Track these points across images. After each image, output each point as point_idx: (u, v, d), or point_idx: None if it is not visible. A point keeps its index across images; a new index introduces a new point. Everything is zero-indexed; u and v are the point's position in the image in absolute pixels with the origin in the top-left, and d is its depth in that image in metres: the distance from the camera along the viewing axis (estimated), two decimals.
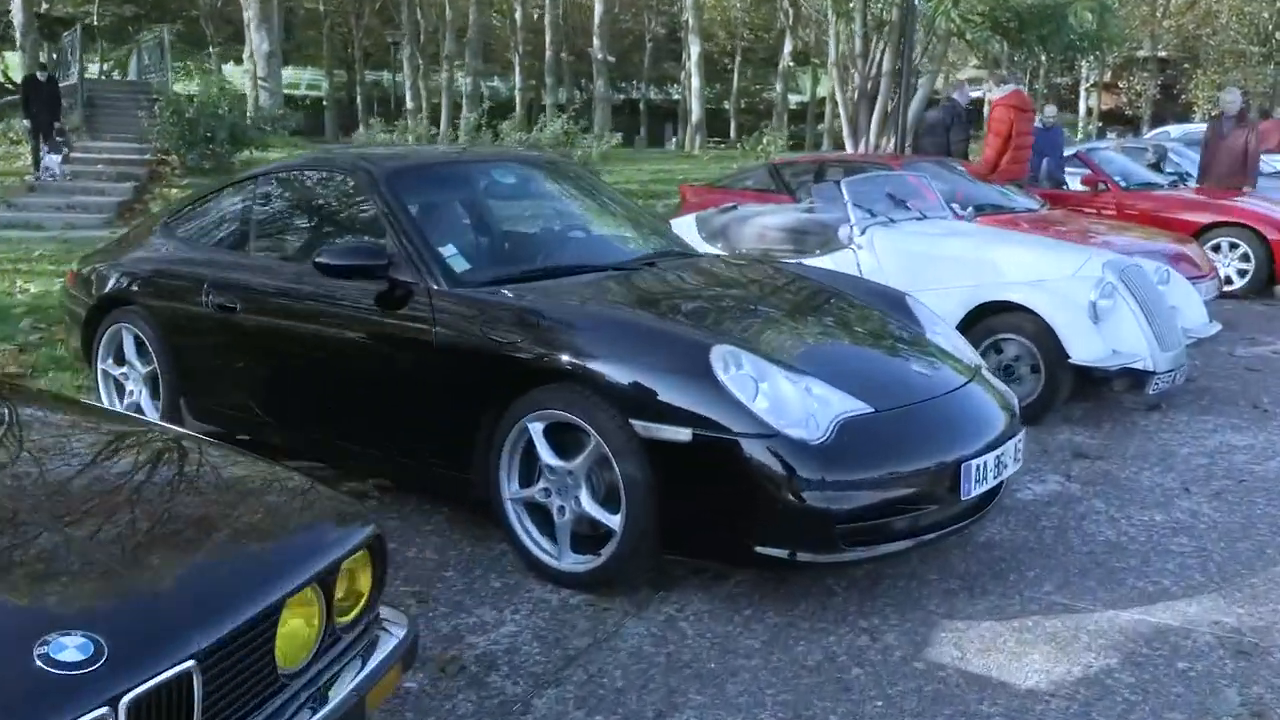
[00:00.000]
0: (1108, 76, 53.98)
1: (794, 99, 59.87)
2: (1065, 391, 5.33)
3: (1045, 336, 5.23)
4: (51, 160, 15.90)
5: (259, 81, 25.10)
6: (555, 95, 42.29)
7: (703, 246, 6.80)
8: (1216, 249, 9.43)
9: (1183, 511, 4.25)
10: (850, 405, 3.22)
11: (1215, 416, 5.63)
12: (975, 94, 10.41)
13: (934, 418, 3.37)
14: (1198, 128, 19.51)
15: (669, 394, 3.15)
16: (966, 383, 3.64)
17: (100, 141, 18.74)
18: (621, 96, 65.40)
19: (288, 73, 64.31)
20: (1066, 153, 10.86)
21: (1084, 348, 5.15)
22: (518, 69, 49.59)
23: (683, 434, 3.10)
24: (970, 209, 6.98)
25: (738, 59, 57.76)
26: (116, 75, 32.19)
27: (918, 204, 6.80)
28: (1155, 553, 3.83)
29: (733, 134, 52.86)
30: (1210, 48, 48.81)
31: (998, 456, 3.39)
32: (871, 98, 27.54)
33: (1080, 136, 27.01)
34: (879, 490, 3.13)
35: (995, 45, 29.43)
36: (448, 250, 3.80)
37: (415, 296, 3.71)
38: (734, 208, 7.10)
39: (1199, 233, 9.47)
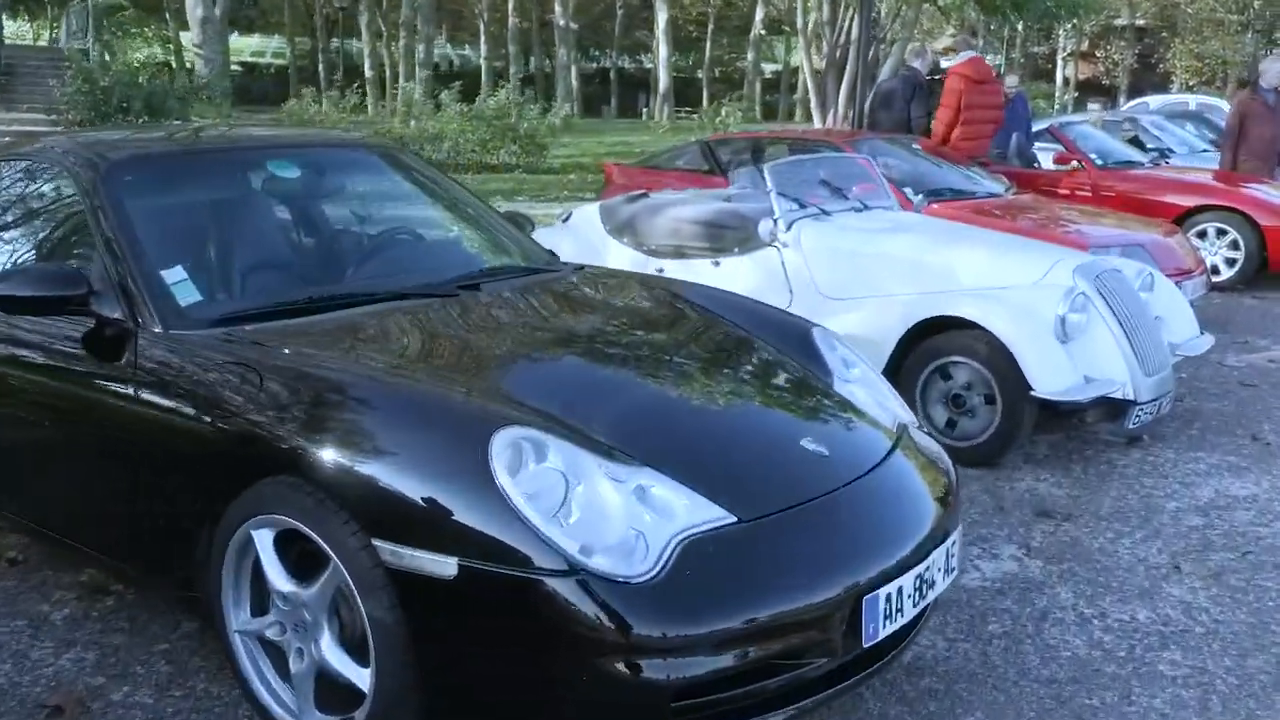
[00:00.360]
0: (1085, 45, 53.16)
1: (770, 68, 58.69)
2: (1027, 427, 4.34)
3: (1002, 361, 4.23)
4: None
5: (195, 49, 23.77)
6: (520, 64, 41.00)
7: (607, 243, 5.80)
8: (1203, 235, 8.46)
9: (1173, 604, 3.27)
10: (703, 515, 2.21)
11: (1208, 452, 4.66)
12: (948, 64, 9.31)
13: (827, 525, 2.35)
14: (1178, 99, 18.58)
15: (428, 503, 2.13)
16: (883, 460, 2.63)
17: (13, 113, 17.48)
18: (594, 65, 64.14)
19: (254, 40, 62.71)
20: (1037, 127, 9.85)
21: (1049, 376, 4.16)
22: (483, 37, 48.26)
23: (446, 565, 2.08)
24: (920, 196, 5.95)
25: (710, 26, 56.54)
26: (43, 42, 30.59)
27: (861, 191, 5.78)
28: (1139, 678, 2.85)
29: (705, 104, 51.82)
30: (1188, 16, 47.96)
31: (919, 577, 2.38)
32: (840, 67, 26.44)
33: (1057, 108, 25.94)
34: (739, 646, 2.11)
35: (970, 11, 28.42)
36: (173, 275, 2.75)
37: (125, 340, 2.66)
38: (645, 195, 6.05)
39: (1183, 218, 8.50)
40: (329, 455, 2.21)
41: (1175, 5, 48.25)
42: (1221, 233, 8.39)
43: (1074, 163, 9.04)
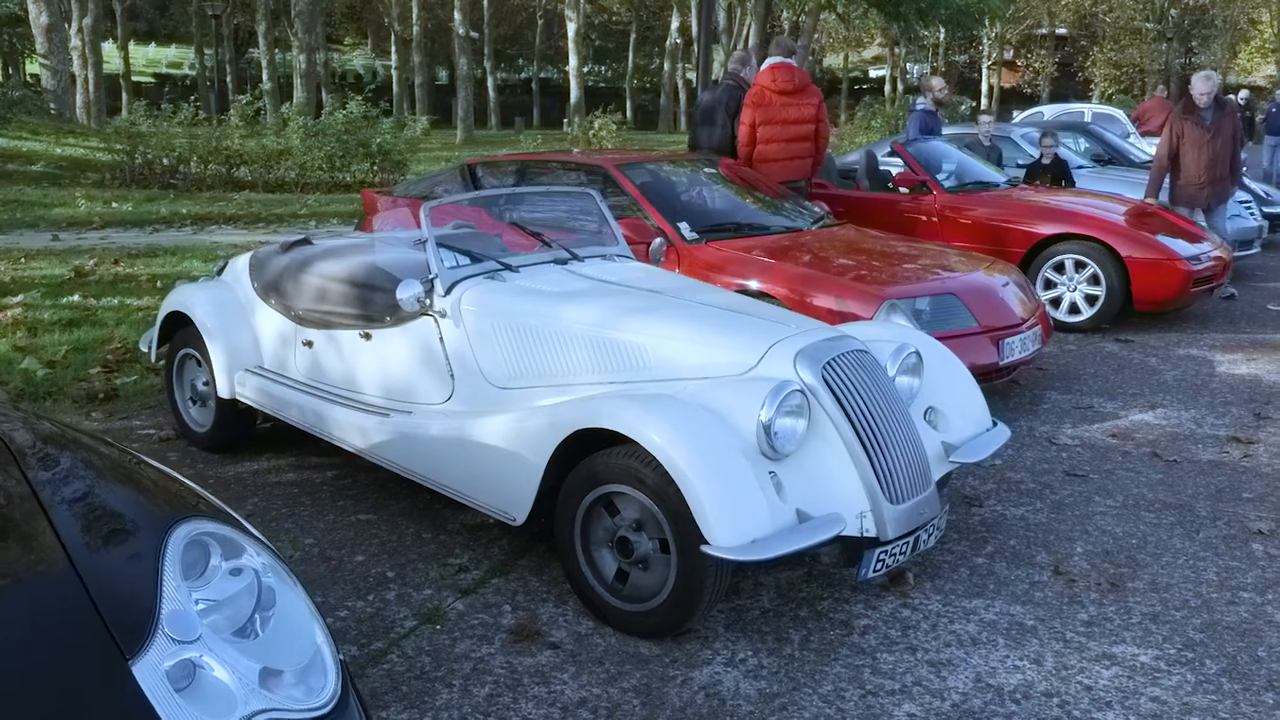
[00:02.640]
0: (1009, 54, 52.89)
1: (695, 76, 57.72)
2: (714, 587, 3.03)
3: (673, 494, 2.93)
4: None
5: (40, 59, 22.01)
6: (422, 74, 39.47)
7: (254, 305, 4.45)
8: (1060, 269, 7.30)
9: None
10: None
11: (989, 599, 3.41)
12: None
13: None
14: (1075, 108, 17.63)
15: None
16: None
17: None
18: (519, 76, 62.67)
19: (171, 51, 60.32)
20: (883, 149, 8.67)
21: (730, 521, 2.85)
22: (394, 46, 46.72)
23: None
24: (659, 241, 4.66)
25: (633, 36, 55.49)
26: None
27: (595, 235, 4.51)
28: None
29: (628, 114, 50.65)
30: (1106, 24, 47.87)
31: None
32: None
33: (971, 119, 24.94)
34: None
35: (870, 20, 27.50)
36: None
37: None
38: (303, 242, 4.69)
39: (1039, 247, 7.34)
40: None
41: (1094, 14, 48.18)
42: (1081, 265, 7.23)
43: (919, 185, 7.84)
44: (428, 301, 3.79)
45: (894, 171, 8.48)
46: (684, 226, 5.60)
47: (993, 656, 3.05)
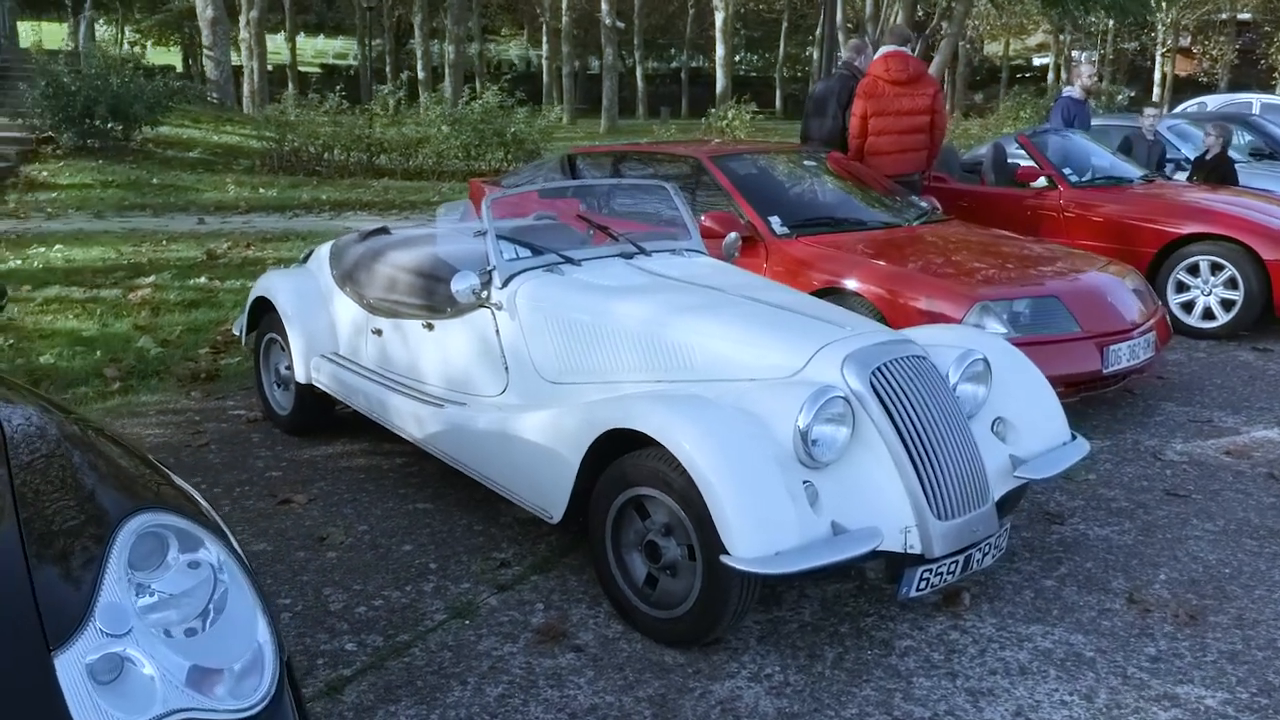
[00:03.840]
0: (1185, 41, 50.06)
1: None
2: (740, 599, 2.91)
3: (699, 500, 2.82)
4: None
5: (205, 51, 23.14)
6: (569, 64, 39.87)
7: (333, 294, 4.55)
8: (1194, 271, 6.83)
9: None
10: None
11: (1050, 626, 3.18)
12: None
13: None
14: (1242, 98, 16.50)
15: None
16: None
17: None
18: (670, 65, 62.70)
19: (337, 43, 62.80)
20: (1013, 142, 8.26)
21: (754, 532, 2.72)
22: (545, 37, 47.38)
23: None
24: (733, 236, 4.52)
25: (785, 25, 54.83)
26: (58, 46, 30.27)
27: (669, 229, 4.43)
28: None
29: (777, 104, 50.14)
30: None
31: None
32: None
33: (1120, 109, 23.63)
34: None
35: (1025, 5, 26.40)
36: None
37: None
38: (380, 231, 4.74)
39: (1171, 248, 6.88)
40: None
41: None
42: (1217, 268, 6.74)
43: (1042, 179, 7.46)
44: (485, 294, 3.77)
45: (1022, 165, 8.09)
46: (775, 220, 5.45)
47: (1040, 689, 2.85)
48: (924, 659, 2.99)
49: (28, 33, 33.47)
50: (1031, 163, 7.68)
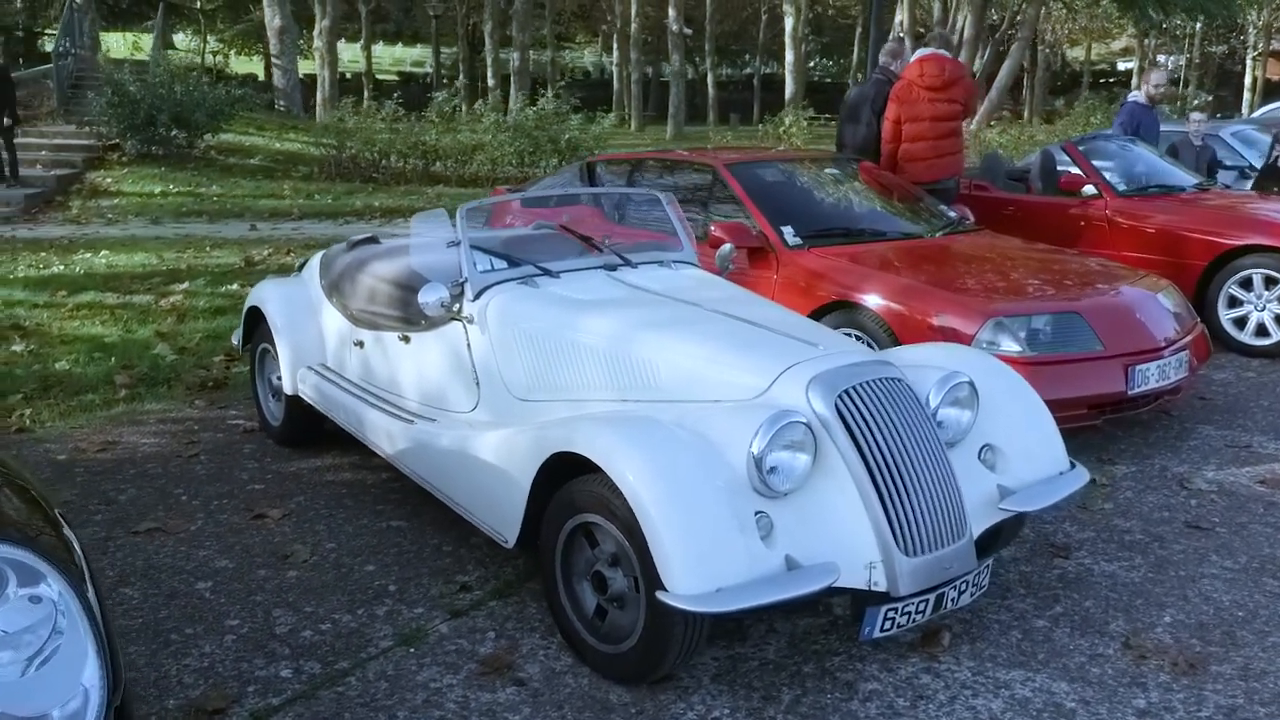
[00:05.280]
0: (1278, 44, 48.34)
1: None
2: (685, 637, 2.74)
3: (639, 534, 2.65)
4: None
5: (272, 59, 23.52)
6: (638, 71, 39.81)
7: (322, 304, 4.47)
8: (1247, 285, 6.45)
9: None
10: None
11: (1032, 672, 2.95)
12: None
13: None
14: None
15: None
16: None
17: (55, 126, 17.33)
18: (743, 72, 62.35)
19: (415, 51, 63.76)
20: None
21: (695, 566, 2.55)
22: (615, 44, 47.45)
23: None
24: (727, 247, 4.34)
25: (858, 30, 54.24)
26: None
27: (659, 241, 4.28)
28: None
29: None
30: None
31: None
32: None
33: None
34: None
35: (1100, 8, 25.69)
36: None
37: None
38: (369, 240, 4.65)
39: (1222, 260, 6.51)
40: None
41: None
42: (1271, 282, 6.36)
43: (1088, 188, 7.13)
44: (457, 307, 3.65)
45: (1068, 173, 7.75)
46: (788, 230, 5.25)
47: None
48: (887, 705, 2.78)
49: (117, 44, 34.44)
50: (1077, 170, 7.34)
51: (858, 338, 4.82)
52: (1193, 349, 4.93)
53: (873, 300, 4.77)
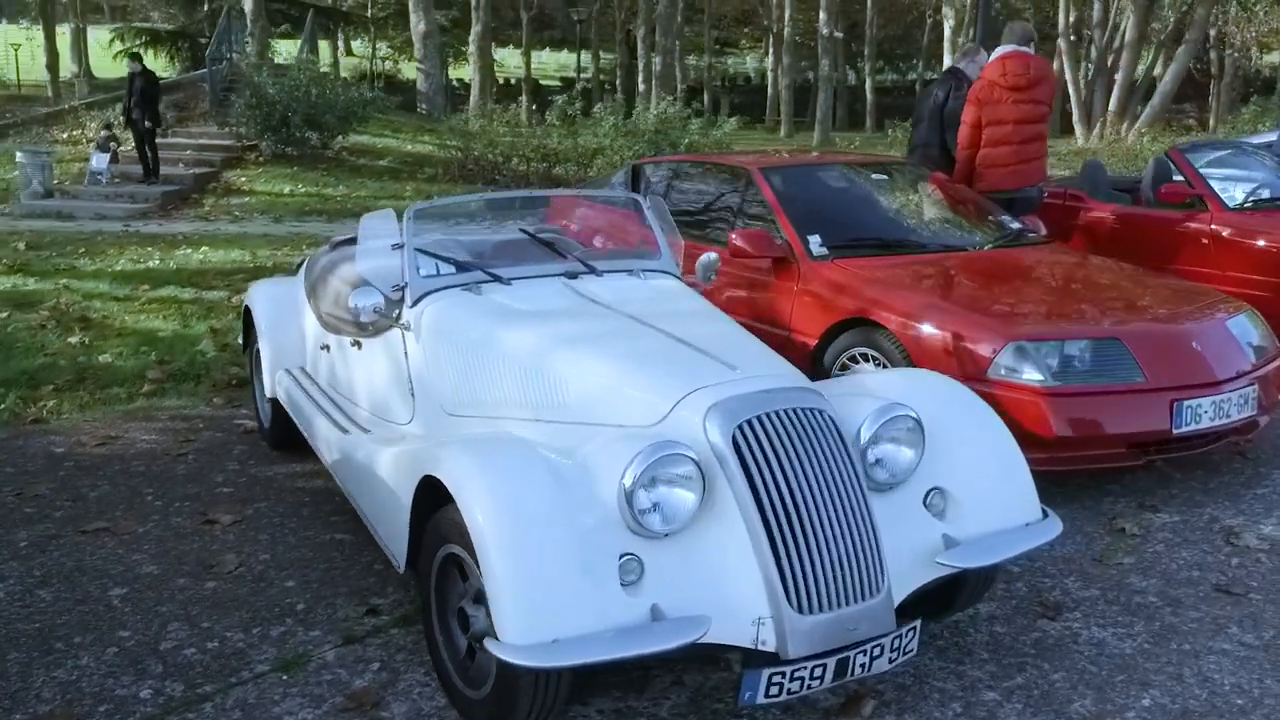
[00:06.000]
0: None
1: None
2: (536, 699, 2.45)
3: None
4: (98, 161, 15.15)
5: (416, 63, 24.11)
6: (791, 76, 39.22)
7: (303, 306, 4.38)
8: None
9: None
10: None
11: None
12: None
13: None
14: None
15: None
16: None
17: (203, 128, 18.15)
18: (907, 78, 60.76)
19: (562, 55, 64.82)
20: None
21: (526, 616, 2.28)
22: (771, 47, 46.99)
23: None
24: (709, 257, 4.01)
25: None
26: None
27: (640, 250, 4.00)
28: None
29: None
30: None
31: None
32: (1110, 73, 22.95)
33: None
34: None
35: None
36: None
37: None
38: (350, 241, 4.50)
39: None
40: None
41: None
42: None
43: (1192, 200, 6.45)
44: (396, 313, 3.47)
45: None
46: (814, 240, 4.87)
47: None
48: None
49: (287, 51, 35.89)
50: (1183, 179, 6.65)
51: (875, 361, 4.42)
52: (1265, 384, 4.33)
53: (889, 318, 4.36)
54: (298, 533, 3.80)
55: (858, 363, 4.51)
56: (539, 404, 2.98)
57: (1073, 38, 24.87)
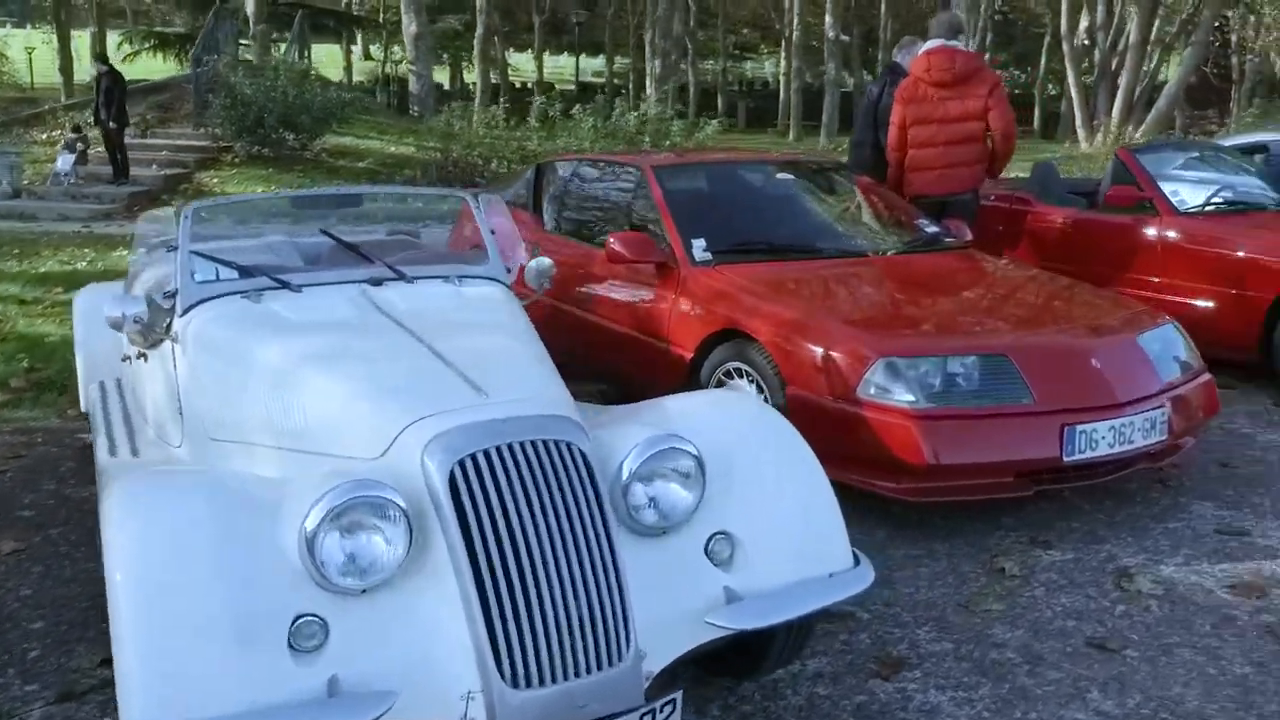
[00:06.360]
0: None
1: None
2: None
3: None
4: (63, 162, 14.89)
5: (408, 65, 23.82)
6: (800, 79, 38.69)
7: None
8: None
9: None
10: None
11: None
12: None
13: None
14: None
15: None
16: None
17: (181, 129, 17.89)
18: None
19: (596, 62, 64.62)
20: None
21: (151, 692, 1.89)
22: (782, 52, 46.57)
23: None
24: (542, 263, 3.61)
25: (1047, 39, 51.55)
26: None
27: (471, 254, 3.61)
28: None
29: (1035, 121, 46.92)
30: None
31: None
32: (1114, 76, 22.42)
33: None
34: None
35: None
36: None
37: None
38: (169, 244, 4.14)
39: None
40: None
41: None
42: None
43: (1143, 204, 6.00)
44: (167, 322, 3.09)
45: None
46: (698, 244, 4.46)
47: None
48: None
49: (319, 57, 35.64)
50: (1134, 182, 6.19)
51: (749, 378, 4.02)
52: (1179, 405, 3.89)
53: (760, 330, 3.95)
54: (77, 565, 3.43)
55: (733, 378, 4.11)
56: (280, 429, 2.60)
57: (1086, 42, 24.25)
